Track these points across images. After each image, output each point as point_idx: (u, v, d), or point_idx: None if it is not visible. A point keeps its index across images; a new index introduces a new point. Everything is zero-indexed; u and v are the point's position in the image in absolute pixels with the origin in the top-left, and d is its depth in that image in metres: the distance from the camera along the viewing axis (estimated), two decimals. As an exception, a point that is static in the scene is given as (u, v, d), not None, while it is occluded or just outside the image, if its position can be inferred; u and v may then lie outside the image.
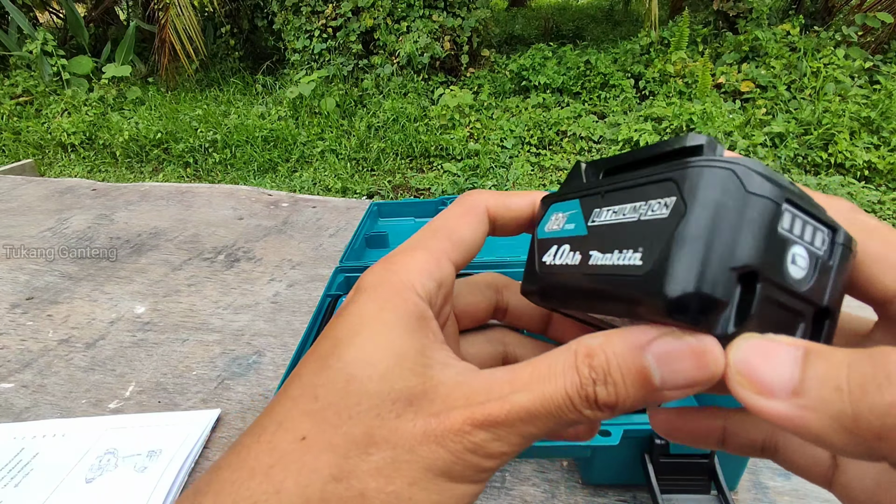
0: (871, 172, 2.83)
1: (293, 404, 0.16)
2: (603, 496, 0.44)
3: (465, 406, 0.15)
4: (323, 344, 0.17)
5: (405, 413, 0.15)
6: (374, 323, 0.16)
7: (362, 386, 0.15)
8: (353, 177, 3.29)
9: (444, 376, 0.16)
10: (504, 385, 0.15)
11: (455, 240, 0.19)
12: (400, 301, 0.17)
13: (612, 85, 3.76)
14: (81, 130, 3.82)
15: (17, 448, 0.51)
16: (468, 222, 0.20)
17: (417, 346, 0.16)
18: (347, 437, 0.15)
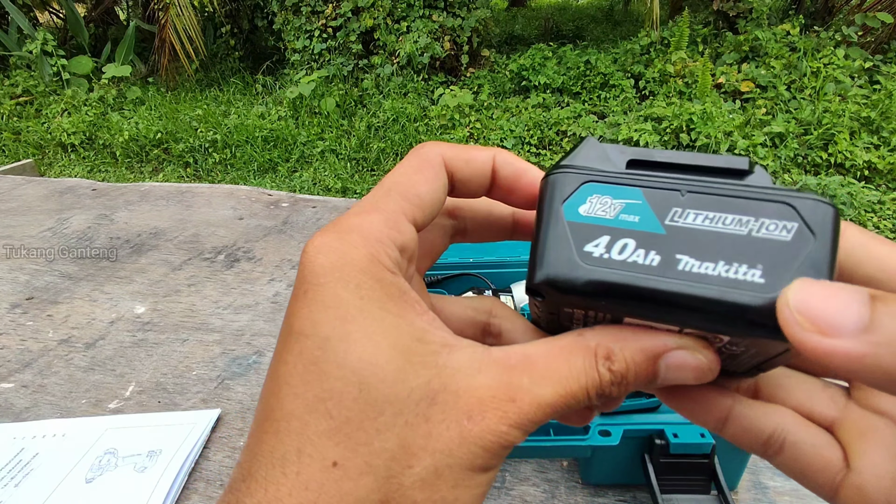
0: (871, 172, 2.83)
1: (302, 424, 0.14)
2: (603, 496, 0.44)
3: (495, 405, 0.15)
4: (305, 343, 0.15)
5: (433, 414, 0.15)
6: (359, 316, 0.15)
7: (378, 392, 0.14)
8: (353, 177, 3.29)
9: (456, 362, 0.15)
10: (522, 376, 0.15)
11: (411, 197, 0.17)
12: (375, 283, 0.15)
13: (612, 85, 3.76)
14: (81, 130, 3.83)
15: (17, 448, 0.51)
16: (424, 177, 0.18)
17: (413, 331, 0.15)
18: (383, 454, 0.14)
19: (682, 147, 3.16)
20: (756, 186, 0.15)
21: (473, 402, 0.15)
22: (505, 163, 0.19)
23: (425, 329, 0.16)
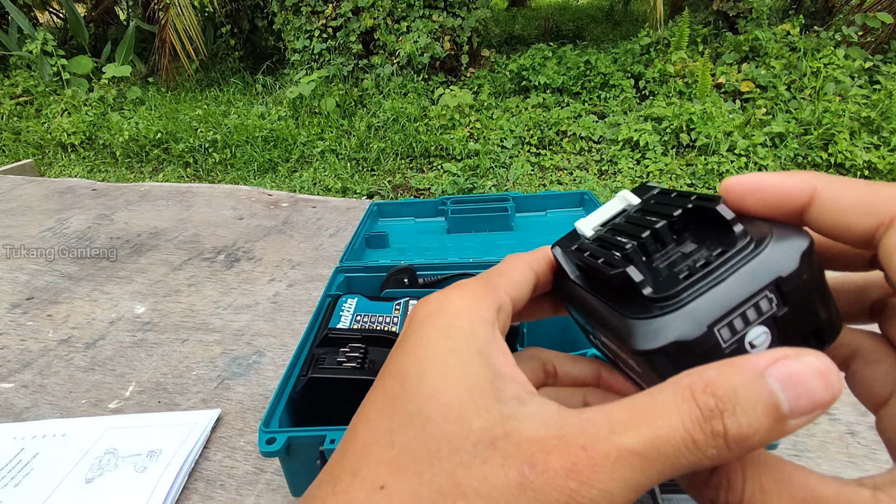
0: (871, 172, 2.83)
1: (366, 451, 0.15)
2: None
3: (563, 452, 0.13)
4: (389, 382, 0.16)
5: (491, 458, 0.14)
6: (441, 353, 0.15)
7: (440, 429, 0.14)
8: (353, 177, 3.29)
9: (523, 413, 0.14)
10: (600, 426, 0.13)
11: (506, 278, 0.19)
12: (464, 324, 0.16)
13: (612, 85, 3.76)
14: (81, 130, 3.83)
15: (17, 448, 0.51)
16: (517, 268, 0.20)
17: (488, 375, 0.15)
18: (432, 486, 0.14)
19: (682, 147, 3.16)
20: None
21: (537, 450, 0.13)
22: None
23: (502, 377, 0.15)
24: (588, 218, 0.21)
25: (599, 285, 0.19)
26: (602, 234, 0.20)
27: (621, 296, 0.17)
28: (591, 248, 0.19)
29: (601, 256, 0.18)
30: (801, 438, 0.48)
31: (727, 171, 2.95)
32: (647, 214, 0.19)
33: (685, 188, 2.89)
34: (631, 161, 3.15)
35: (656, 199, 0.19)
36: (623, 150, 3.23)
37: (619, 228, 0.19)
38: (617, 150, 3.24)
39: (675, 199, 0.18)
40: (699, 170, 3.00)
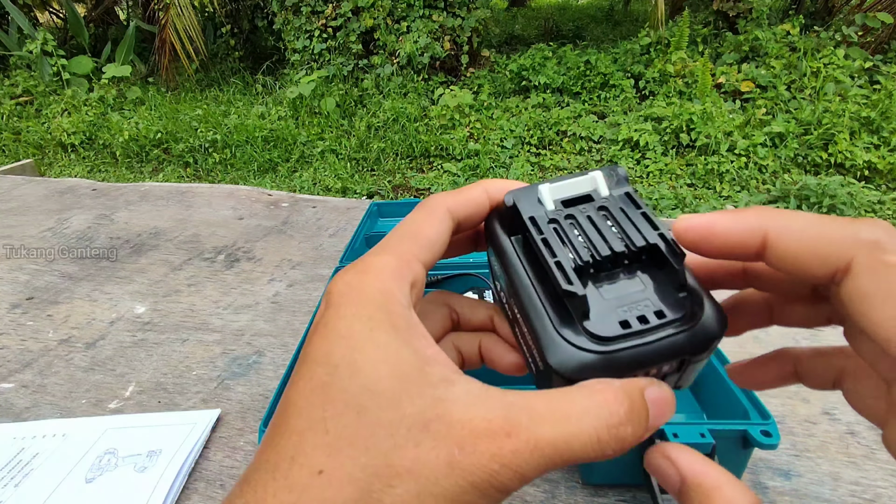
0: (871, 172, 2.83)
1: (301, 438, 0.15)
2: (603, 496, 0.44)
3: (490, 437, 0.15)
4: (317, 371, 0.16)
5: (423, 440, 0.15)
6: (368, 346, 0.16)
7: (375, 416, 0.15)
8: (353, 177, 3.29)
9: (453, 395, 0.16)
10: (522, 415, 0.15)
11: (421, 241, 0.20)
12: (386, 315, 0.17)
13: (612, 85, 3.76)
14: (81, 130, 3.83)
15: (17, 448, 0.51)
16: (431, 223, 0.20)
17: (416, 362, 0.16)
18: (368, 469, 0.15)
19: (682, 147, 3.16)
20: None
21: (466, 433, 0.15)
22: (494, 189, 0.22)
23: (427, 361, 0.16)
24: (553, 185, 0.20)
25: (535, 262, 0.19)
26: (561, 217, 0.20)
27: (554, 294, 0.18)
28: (546, 231, 0.19)
29: (554, 251, 0.18)
30: (801, 439, 0.48)
31: (727, 171, 2.95)
32: (611, 220, 0.19)
33: (685, 188, 2.90)
34: (631, 161, 3.15)
35: (623, 206, 0.20)
36: (623, 150, 3.23)
37: (580, 224, 0.20)
38: (617, 150, 3.24)
39: (640, 221, 0.19)
40: (699, 170, 3.00)
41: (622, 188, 0.20)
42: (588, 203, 0.20)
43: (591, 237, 0.19)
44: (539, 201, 0.20)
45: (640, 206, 0.19)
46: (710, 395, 0.49)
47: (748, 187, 2.88)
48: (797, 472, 0.46)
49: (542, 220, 0.19)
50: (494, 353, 0.23)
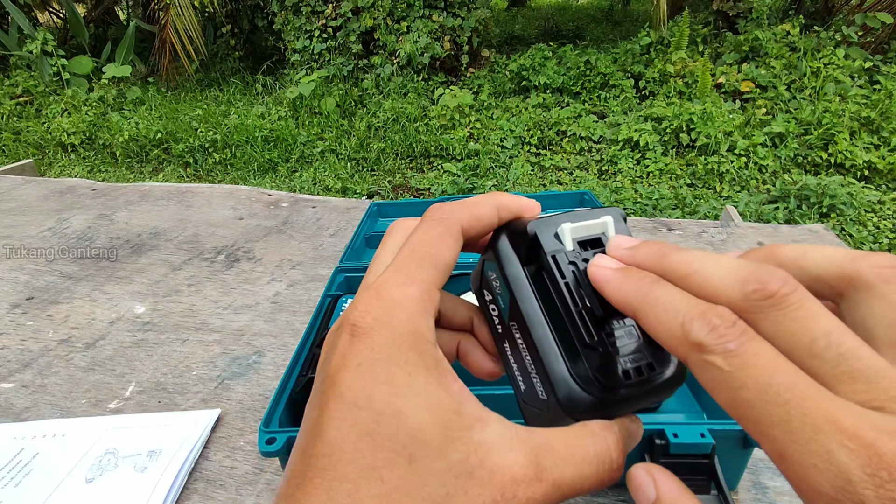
0: (871, 172, 2.83)
1: (355, 487, 0.16)
2: (603, 496, 0.44)
3: (526, 483, 0.17)
4: (359, 415, 0.17)
5: (471, 488, 0.16)
6: (409, 392, 0.17)
7: (424, 466, 0.16)
8: (353, 177, 3.29)
9: (488, 437, 0.17)
10: (546, 457, 0.18)
11: (440, 267, 0.20)
12: (419, 356, 0.18)
13: (612, 85, 3.76)
14: (81, 130, 3.83)
15: (17, 448, 0.51)
16: (448, 245, 0.20)
17: (453, 405, 0.17)
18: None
19: (681, 147, 3.16)
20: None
21: (507, 480, 0.17)
22: (504, 208, 0.22)
23: (460, 401, 0.18)
24: (574, 226, 0.21)
25: (547, 297, 0.20)
26: (579, 260, 0.21)
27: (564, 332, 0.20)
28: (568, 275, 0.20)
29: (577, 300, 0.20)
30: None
31: (727, 171, 2.95)
32: None
33: (685, 188, 2.90)
34: (631, 161, 3.15)
35: None
36: (623, 150, 3.23)
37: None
38: (617, 150, 3.24)
39: None
40: (699, 170, 3.00)
41: (626, 232, 0.22)
42: (598, 248, 0.21)
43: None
44: (557, 237, 0.21)
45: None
46: (710, 395, 0.49)
47: (748, 187, 2.88)
48: (797, 472, 0.46)
49: (563, 260, 0.21)
50: (472, 358, 0.24)
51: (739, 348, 0.15)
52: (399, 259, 0.20)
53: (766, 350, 0.15)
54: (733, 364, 0.15)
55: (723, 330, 0.15)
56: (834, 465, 0.13)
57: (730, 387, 0.15)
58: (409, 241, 0.20)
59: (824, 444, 0.13)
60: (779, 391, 0.14)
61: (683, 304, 0.16)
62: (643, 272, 0.18)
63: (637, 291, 0.18)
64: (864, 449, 0.13)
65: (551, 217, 0.21)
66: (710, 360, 0.15)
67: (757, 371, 0.14)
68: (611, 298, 0.19)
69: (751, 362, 0.15)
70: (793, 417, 0.14)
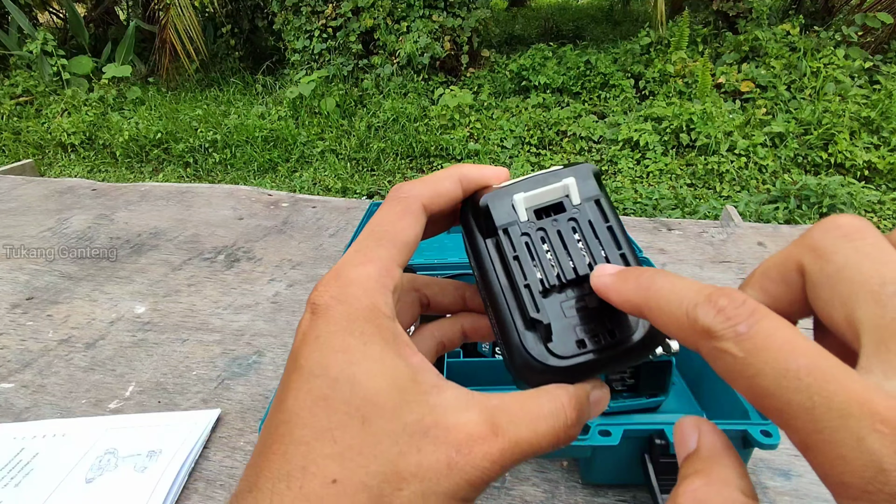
0: (871, 172, 2.83)
1: (309, 448, 0.16)
2: (603, 496, 0.44)
3: (482, 439, 0.17)
4: (315, 382, 0.17)
5: (424, 446, 0.17)
6: (364, 360, 0.17)
7: (377, 426, 0.16)
8: (353, 177, 3.29)
9: (445, 401, 0.18)
10: (502, 416, 0.18)
11: (399, 244, 0.20)
12: (375, 328, 0.18)
13: (612, 85, 3.76)
14: (81, 130, 3.82)
15: (17, 448, 0.51)
16: (409, 223, 0.21)
17: (409, 373, 0.18)
18: (378, 476, 0.16)
19: (682, 147, 3.16)
20: None
21: (462, 437, 0.17)
22: (468, 179, 0.22)
23: (417, 370, 0.18)
24: (527, 195, 0.21)
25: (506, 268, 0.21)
26: (532, 230, 0.21)
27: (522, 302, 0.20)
28: (518, 247, 0.20)
29: (525, 272, 0.20)
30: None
31: (727, 171, 2.95)
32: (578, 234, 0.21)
33: (685, 188, 2.90)
34: (631, 161, 3.15)
35: (592, 218, 0.21)
36: (623, 150, 3.23)
37: (549, 239, 0.21)
38: (617, 150, 3.24)
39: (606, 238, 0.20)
40: (699, 170, 3.00)
41: (593, 193, 0.21)
42: (559, 214, 0.21)
43: (559, 256, 0.20)
44: (513, 208, 0.21)
45: (608, 217, 0.21)
46: (710, 394, 0.49)
47: (748, 187, 2.88)
48: (797, 472, 0.46)
49: (515, 232, 0.21)
50: (483, 332, 0.25)
51: (751, 329, 0.14)
52: (358, 240, 0.20)
53: (781, 328, 0.14)
54: (746, 348, 0.14)
55: (731, 311, 0.14)
56: (865, 452, 0.11)
57: (746, 375, 0.14)
58: (370, 222, 0.21)
59: (853, 431, 0.12)
60: (799, 375, 0.13)
61: (688, 291, 0.16)
62: (642, 269, 0.18)
63: (637, 288, 0.17)
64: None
65: (510, 186, 0.21)
66: (722, 347, 0.14)
67: (772, 354, 0.13)
68: (616, 304, 0.18)
69: (765, 345, 0.13)
70: (816, 404, 0.12)
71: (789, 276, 0.16)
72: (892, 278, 0.14)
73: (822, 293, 0.15)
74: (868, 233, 0.15)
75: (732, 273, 0.78)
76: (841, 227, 0.15)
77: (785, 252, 0.17)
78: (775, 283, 0.17)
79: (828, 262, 0.15)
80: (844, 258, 0.15)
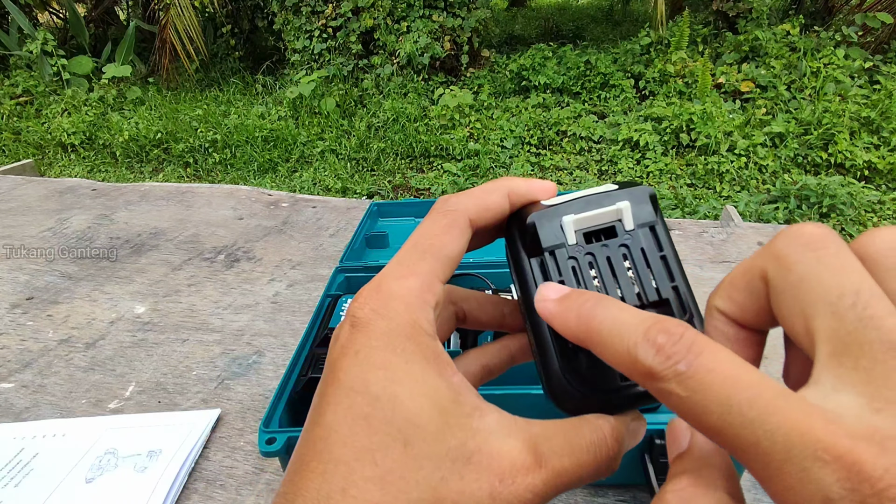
0: (871, 172, 2.83)
1: (349, 469, 0.16)
2: (603, 496, 0.44)
3: (526, 469, 0.17)
4: (355, 399, 0.17)
5: (467, 473, 0.16)
6: (406, 378, 0.17)
7: (420, 450, 0.16)
8: (353, 177, 3.29)
9: (487, 425, 0.17)
10: (543, 446, 0.17)
11: (443, 259, 0.19)
12: (416, 346, 0.17)
13: (612, 85, 3.76)
14: (81, 130, 3.82)
15: (17, 448, 0.51)
16: (453, 237, 0.20)
17: (451, 394, 0.17)
18: (419, 502, 0.15)
19: (682, 147, 3.16)
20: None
21: (506, 465, 0.16)
22: (516, 194, 0.22)
23: (459, 391, 0.18)
24: (578, 217, 0.20)
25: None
26: (580, 254, 0.20)
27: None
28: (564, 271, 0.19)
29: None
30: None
31: (727, 171, 2.95)
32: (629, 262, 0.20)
33: (685, 188, 2.90)
34: (631, 161, 3.15)
35: (644, 246, 0.20)
36: (623, 150, 3.23)
37: (598, 265, 0.20)
38: (617, 150, 3.24)
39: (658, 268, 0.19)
40: (699, 170, 3.00)
41: (648, 219, 0.20)
42: (610, 239, 0.20)
43: (606, 284, 0.19)
44: (561, 229, 0.20)
45: (662, 247, 0.20)
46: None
47: (748, 187, 2.88)
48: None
49: (562, 256, 0.20)
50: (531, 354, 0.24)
51: (690, 368, 0.13)
52: (401, 252, 0.20)
53: (721, 362, 0.13)
54: (689, 387, 0.13)
55: (669, 349, 0.14)
56: (811, 482, 0.11)
57: (693, 413, 0.13)
58: (414, 235, 0.20)
59: (797, 462, 0.12)
60: (741, 409, 0.12)
61: (628, 325, 0.15)
62: (585, 296, 0.17)
63: (578, 319, 0.17)
64: (841, 460, 0.11)
65: (560, 205, 0.20)
66: (666, 389, 0.14)
67: (715, 390, 0.13)
68: (561, 333, 0.18)
69: (706, 380, 0.13)
70: (761, 438, 0.12)
71: (754, 284, 0.16)
72: (850, 290, 0.13)
73: (784, 302, 0.15)
74: (830, 242, 0.15)
75: (732, 273, 0.78)
76: (804, 236, 0.15)
77: (750, 260, 0.16)
78: (741, 293, 0.16)
79: (789, 271, 0.15)
80: (805, 268, 0.14)
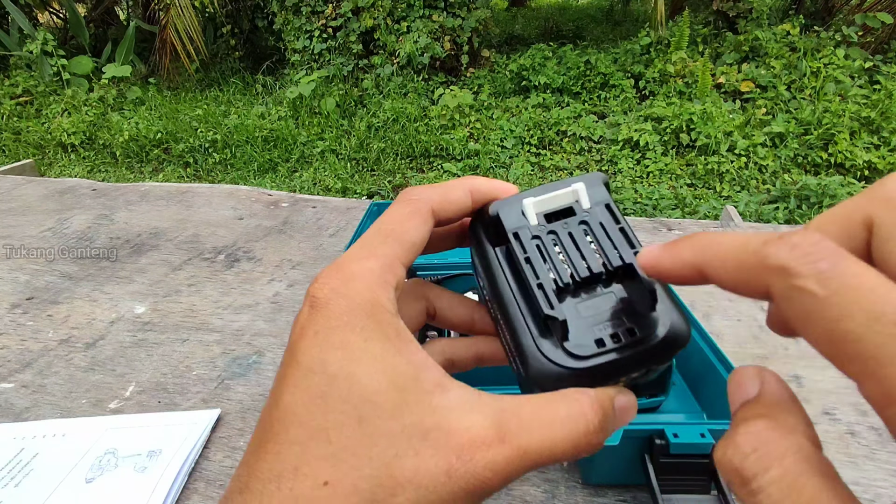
0: (872, 172, 2.83)
1: (303, 448, 0.16)
2: (603, 496, 0.44)
3: (487, 445, 0.16)
4: (312, 379, 0.16)
5: (423, 450, 0.16)
6: (364, 357, 0.16)
7: (374, 427, 0.16)
8: (353, 177, 3.29)
9: (448, 402, 0.17)
10: (511, 421, 0.16)
11: (405, 243, 0.20)
12: (376, 324, 0.17)
13: (612, 85, 3.76)
14: (81, 130, 3.82)
15: (17, 448, 0.51)
16: (416, 224, 0.20)
17: (410, 371, 0.17)
18: (371, 479, 0.15)
19: (681, 147, 3.16)
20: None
21: (465, 441, 0.16)
22: (479, 191, 0.22)
23: (420, 368, 0.17)
24: (537, 199, 0.21)
25: (518, 275, 0.20)
26: (543, 233, 0.20)
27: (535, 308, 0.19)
28: (529, 249, 0.20)
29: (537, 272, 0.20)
30: (801, 438, 0.48)
31: (727, 171, 2.95)
32: (590, 236, 0.20)
33: (685, 188, 2.90)
34: (631, 161, 3.15)
35: (603, 220, 0.20)
36: (623, 150, 3.23)
37: (561, 241, 0.20)
38: (617, 150, 3.24)
39: (619, 238, 0.20)
40: (699, 170, 3.00)
41: (603, 198, 0.21)
42: (570, 217, 0.21)
43: (571, 256, 0.20)
44: (522, 214, 0.21)
45: (619, 220, 0.20)
46: (710, 395, 0.49)
47: (748, 187, 2.88)
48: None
49: (526, 236, 0.20)
50: (499, 357, 0.23)
51: (835, 268, 0.12)
52: (364, 236, 0.20)
53: (869, 270, 0.12)
54: (831, 287, 0.12)
55: (807, 248, 0.13)
56: None
57: (827, 317, 0.12)
58: (377, 221, 0.20)
59: None
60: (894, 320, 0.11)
61: (752, 236, 0.14)
62: (694, 234, 0.17)
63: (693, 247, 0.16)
64: None
65: (519, 195, 0.21)
66: (800, 285, 0.12)
67: (863, 295, 0.12)
68: (671, 269, 0.17)
69: (853, 284, 0.12)
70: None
71: (853, 229, 0.14)
72: None
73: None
74: None
75: (732, 273, 0.78)
76: None
77: (849, 204, 0.15)
78: (833, 238, 0.14)
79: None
80: None
